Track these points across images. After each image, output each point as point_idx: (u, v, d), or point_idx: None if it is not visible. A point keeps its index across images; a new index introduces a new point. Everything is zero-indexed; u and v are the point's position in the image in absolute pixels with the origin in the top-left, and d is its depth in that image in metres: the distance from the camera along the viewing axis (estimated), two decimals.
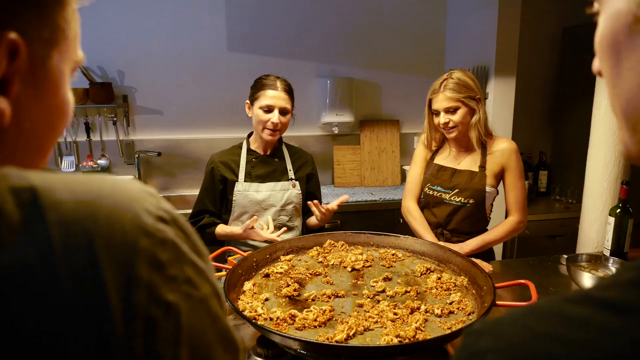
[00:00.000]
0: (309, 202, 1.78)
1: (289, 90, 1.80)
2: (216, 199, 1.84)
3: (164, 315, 0.33)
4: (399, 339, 1.03)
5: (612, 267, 1.61)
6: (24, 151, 0.40)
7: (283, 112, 1.77)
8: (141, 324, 0.32)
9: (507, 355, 0.28)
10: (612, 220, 1.81)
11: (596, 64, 0.40)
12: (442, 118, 1.76)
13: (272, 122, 1.74)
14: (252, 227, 1.69)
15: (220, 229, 1.80)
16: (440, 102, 1.75)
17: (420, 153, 1.99)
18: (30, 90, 0.39)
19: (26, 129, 0.40)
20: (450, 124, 1.75)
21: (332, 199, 2.83)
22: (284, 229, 1.78)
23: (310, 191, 1.95)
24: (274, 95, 1.74)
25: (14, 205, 0.31)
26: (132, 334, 0.32)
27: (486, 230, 1.90)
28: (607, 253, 1.82)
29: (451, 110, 1.74)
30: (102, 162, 2.94)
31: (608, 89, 0.38)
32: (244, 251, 1.76)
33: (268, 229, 1.74)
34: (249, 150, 1.87)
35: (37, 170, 0.36)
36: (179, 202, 3.01)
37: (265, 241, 1.71)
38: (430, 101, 1.80)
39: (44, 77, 0.41)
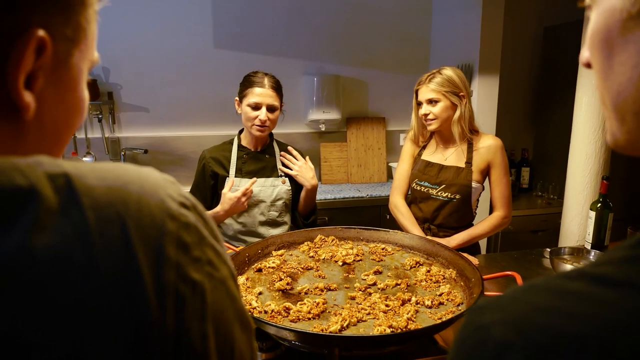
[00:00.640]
0: (282, 154, 1.87)
1: (277, 88, 1.81)
2: (207, 195, 1.84)
3: (192, 293, 0.36)
4: (391, 329, 1.06)
5: (594, 260, 1.66)
6: (44, 144, 0.42)
7: (271, 109, 1.78)
8: (172, 300, 0.34)
9: (511, 327, 0.29)
10: (593, 214, 1.87)
11: (585, 56, 0.42)
12: (423, 109, 1.82)
13: (260, 120, 1.76)
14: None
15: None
16: (423, 93, 1.81)
17: (407, 150, 2.02)
18: (52, 86, 0.41)
19: (47, 123, 0.42)
20: (430, 116, 1.81)
21: (320, 196, 2.87)
22: (254, 179, 1.79)
23: (300, 186, 1.96)
24: (261, 93, 1.75)
25: (51, 189, 0.33)
26: (164, 309, 0.34)
27: (472, 225, 1.94)
28: (589, 246, 1.88)
29: (432, 102, 1.79)
30: (87, 159, 2.90)
31: (598, 81, 0.41)
32: (236, 246, 1.77)
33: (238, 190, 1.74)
34: (239, 146, 1.88)
35: (66, 159, 0.37)
36: None
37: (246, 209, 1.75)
38: (416, 92, 1.86)
39: (65, 74, 0.42)
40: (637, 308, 0.27)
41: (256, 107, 1.76)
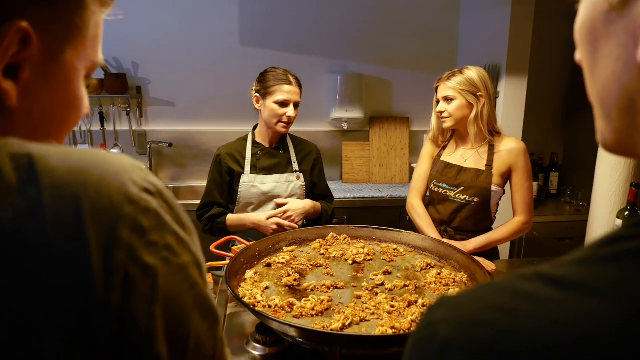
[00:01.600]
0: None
1: (300, 85, 1.84)
2: (224, 191, 1.86)
3: (142, 275, 0.37)
4: (393, 330, 1.05)
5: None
6: (34, 137, 0.43)
7: (296, 105, 1.81)
8: (119, 281, 0.35)
9: (456, 324, 0.30)
10: (619, 222, 1.79)
11: (578, 54, 0.41)
12: (439, 106, 1.81)
13: (288, 116, 1.78)
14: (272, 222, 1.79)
15: (231, 217, 1.83)
16: (441, 90, 1.80)
17: (427, 150, 1.99)
18: (42, 80, 0.43)
19: (35, 115, 0.44)
20: (445, 114, 1.79)
21: (341, 195, 2.86)
22: (286, 202, 1.84)
23: (314, 181, 1.96)
24: (290, 90, 1.77)
25: (12, 168, 0.35)
26: (109, 288, 0.35)
27: (491, 229, 1.89)
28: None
29: (448, 100, 1.78)
30: (114, 151, 2.99)
31: (586, 77, 0.39)
32: (249, 241, 1.79)
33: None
34: (254, 142, 1.90)
35: (36, 143, 0.39)
36: (189, 194, 3.06)
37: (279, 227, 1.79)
38: (436, 90, 1.85)
39: (56, 70, 0.44)
40: (578, 309, 0.27)
41: (284, 104, 1.77)
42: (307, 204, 1.84)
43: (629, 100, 0.34)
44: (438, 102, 1.84)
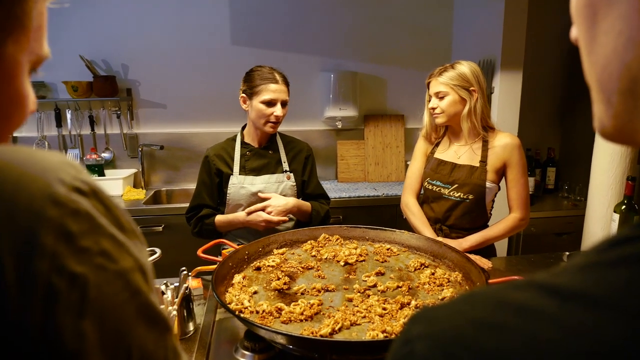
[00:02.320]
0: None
1: (287, 82, 1.79)
2: (213, 192, 1.83)
3: (68, 286, 0.32)
4: (385, 334, 1.01)
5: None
6: None
7: (284, 104, 1.77)
8: (40, 294, 0.31)
9: (435, 342, 0.27)
10: (617, 217, 1.76)
11: (574, 31, 0.37)
12: (431, 102, 1.78)
13: (276, 115, 1.74)
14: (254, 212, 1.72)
15: (220, 217, 1.79)
16: (433, 86, 1.77)
17: (420, 147, 1.96)
18: None
19: None
20: (437, 110, 1.76)
21: (336, 194, 2.83)
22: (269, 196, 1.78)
23: (304, 179, 1.92)
24: (276, 89, 1.73)
25: None
26: (28, 303, 0.31)
27: (487, 226, 1.86)
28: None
29: (440, 96, 1.74)
30: (105, 155, 2.96)
31: (583, 57, 0.35)
32: (241, 243, 1.76)
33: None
34: (242, 143, 1.86)
35: None
36: (182, 196, 3.02)
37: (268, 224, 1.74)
38: (428, 86, 1.81)
39: None
40: (575, 323, 0.23)
41: (271, 103, 1.73)
42: (290, 201, 1.77)
43: (631, 81, 0.30)
44: (430, 98, 1.81)
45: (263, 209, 1.73)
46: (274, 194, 1.80)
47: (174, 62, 2.98)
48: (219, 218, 1.79)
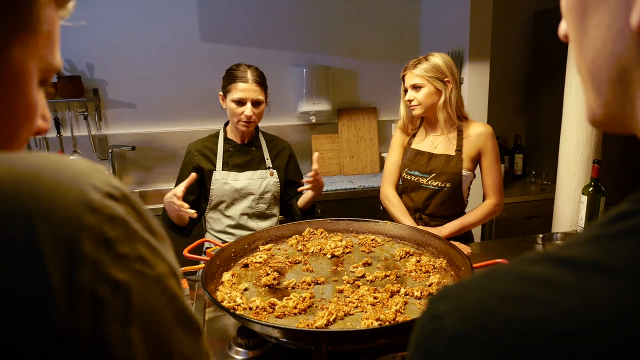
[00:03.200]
0: (300, 189, 1.73)
1: (261, 81, 1.76)
2: (195, 189, 1.79)
3: (112, 294, 0.32)
4: (379, 322, 1.03)
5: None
6: None
7: (255, 103, 1.74)
8: (86, 304, 0.31)
9: (463, 316, 0.28)
10: (585, 198, 1.85)
11: (563, 27, 0.39)
12: (408, 94, 1.81)
13: (246, 115, 1.72)
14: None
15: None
16: (408, 78, 1.80)
17: (397, 139, 1.99)
18: None
19: None
20: (414, 102, 1.80)
21: None
22: (193, 175, 1.60)
23: (290, 178, 1.93)
24: (245, 88, 1.71)
25: None
26: (76, 314, 0.30)
27: (464, 213, 1.92)
28: (581, 231, 1.86)
29: (416, 88, 1.78)
30: (74, 158, 2.85)
31: (574, 50, 0.37)
32: (225, 240, 1.74)
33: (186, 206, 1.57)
34: (226, 139, 1.84)
35: None
36: (156, 197, 2.96)
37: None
38: (403, 79, 1.84)
39: (2, 69, 0.39)
40: (593, 291, 0.25)
41: (241, 102, 1.72)
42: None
43: (621, 71, 0.32)
44: (406, 90, 1.84)
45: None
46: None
47: (142, 60, 2.90)
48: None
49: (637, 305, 0.24)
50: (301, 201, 1.88)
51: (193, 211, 1.52)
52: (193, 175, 1.59)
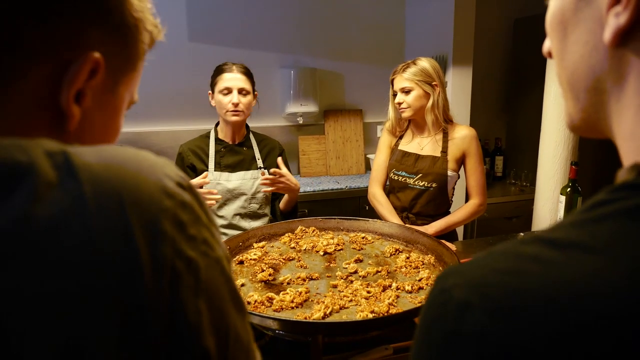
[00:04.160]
0: (263, 178, 1.75)
1: (246, 72, 1.83)
2: None
3: (186, 269, 0.37)
4: (373, 314, 1.08)
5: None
6: None
7: (242, 92, 1.79)
8: (168, 275, 0.35)
9: (469, 288, 0.32)
10: (563, 198, 1.93)
11: (546, 45, 0.45)
12: (397, 98, 1.87)
13: (232, 102, 1.77)
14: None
15: None
16: (398, 82, 1.86)
17: (385, 140, 2.05)
18: (97, 108, 0.45)
19: (85, 140, 0.45)
20: (404, 105, 1.86)
21: (300, 189, 2.87)
22: (206, 173, 1.67)
23: None
24: (230, 78, 1.78)
25: (49, 165, 0.34)
26: (160, 284, 0.35)
27: (449, 212, 1.99)
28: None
29: (406, 91, 1.84)
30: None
31: (556, 63, 0.43)
32: None
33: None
34: (217, 139, 1.87)
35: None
36: None
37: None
38: (392, 82, 1.90)
39: (111, 101, 0.46)
40: (580, 266, 0.30)
41: (227, 91, 1.77)
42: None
43: (595, 80, 0.38)
44: (395, 94, 1.90)
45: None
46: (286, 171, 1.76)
47: None
48: None
49: (613, 279, 0.29)
50: (282, 203, 1.93)
51: (217, 194, 1.63)
52: (205, 173, 1.66)
